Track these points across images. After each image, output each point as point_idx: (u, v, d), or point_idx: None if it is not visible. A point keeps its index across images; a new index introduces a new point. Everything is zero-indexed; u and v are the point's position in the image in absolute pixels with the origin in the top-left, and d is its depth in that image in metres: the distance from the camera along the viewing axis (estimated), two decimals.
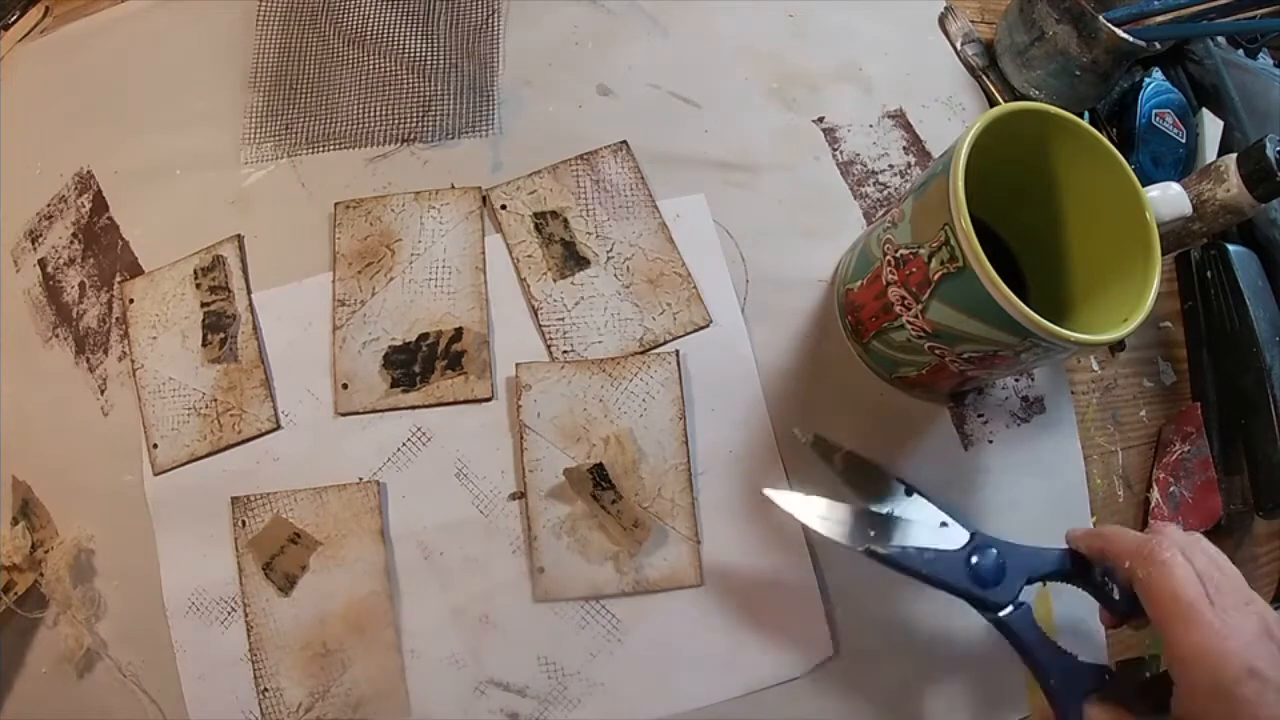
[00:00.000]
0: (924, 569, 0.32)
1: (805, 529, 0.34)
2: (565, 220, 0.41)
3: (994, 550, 0.33)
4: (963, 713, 0.38)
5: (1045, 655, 0.32)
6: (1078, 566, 0.33)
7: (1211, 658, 0.26)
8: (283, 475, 0.38)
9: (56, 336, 0.42)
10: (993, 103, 0.48)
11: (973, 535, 0.33)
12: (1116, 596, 0.32)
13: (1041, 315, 0.29)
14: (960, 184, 0.29)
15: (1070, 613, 0.39)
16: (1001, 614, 0.32)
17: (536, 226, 0.41)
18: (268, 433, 0.38)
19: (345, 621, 0.36)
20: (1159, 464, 0.44)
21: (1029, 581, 0.32)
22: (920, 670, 0.38)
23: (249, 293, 0.40)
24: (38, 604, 0.38)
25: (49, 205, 0.44)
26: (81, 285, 0.42)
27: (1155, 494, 0.43)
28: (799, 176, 0.44)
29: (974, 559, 0.33)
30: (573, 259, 0.40)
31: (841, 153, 0.45)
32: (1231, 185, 0.39)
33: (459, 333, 0.39)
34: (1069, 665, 0.31)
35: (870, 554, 0.32)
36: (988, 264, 0.29)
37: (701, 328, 0.40)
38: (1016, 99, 0.47)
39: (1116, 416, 0.44)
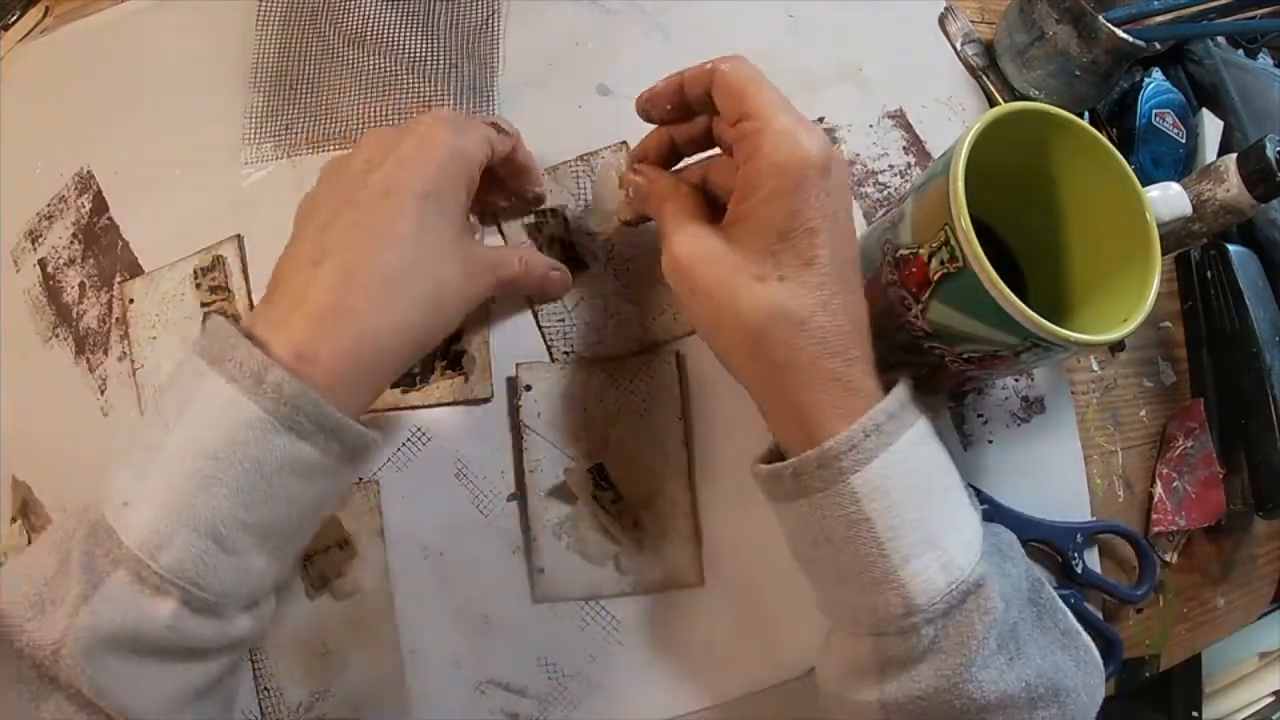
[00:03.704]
0: None
1: None
2: (565, 220, 0.41)
3: (988, 510, 0.39)
4: None
5: None
6: (1049, 536, 0.40)
7: (795, 136, 0.28)
8: None
9: (56, 336, 0.42)
10: (993, 103, 0.48)
11: (977, 493, 0.39)
12: (1079, 570, 0.39)
13: (1041, 315, 0.29)
14: (960, 184, 0.29)
15: None
16: None
17: (538, 226, 0.41)
18: None
19: (345, 621, 0.36)
20: (1162, 459, 0.44)
21: None
22: None
23: (249, 293, 0.40)
24: None
25: (49, 205, 0.44)
26: (81, 285, 0.42)
27: (1159, 489, 0.43)
28: None
29: None
30: (573, 259, 0.40)
31: (841, 152, 0.45)
32: (1231, 185, 0.39)
33: (459, 333, 0.39)
34: None
35: None
36: (988, 264, 0.29)
37: None
38: (1016, 99, 0.47)
39: (1116, 416, 0.44)
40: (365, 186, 0.29)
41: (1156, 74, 0.51)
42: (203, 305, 0.40)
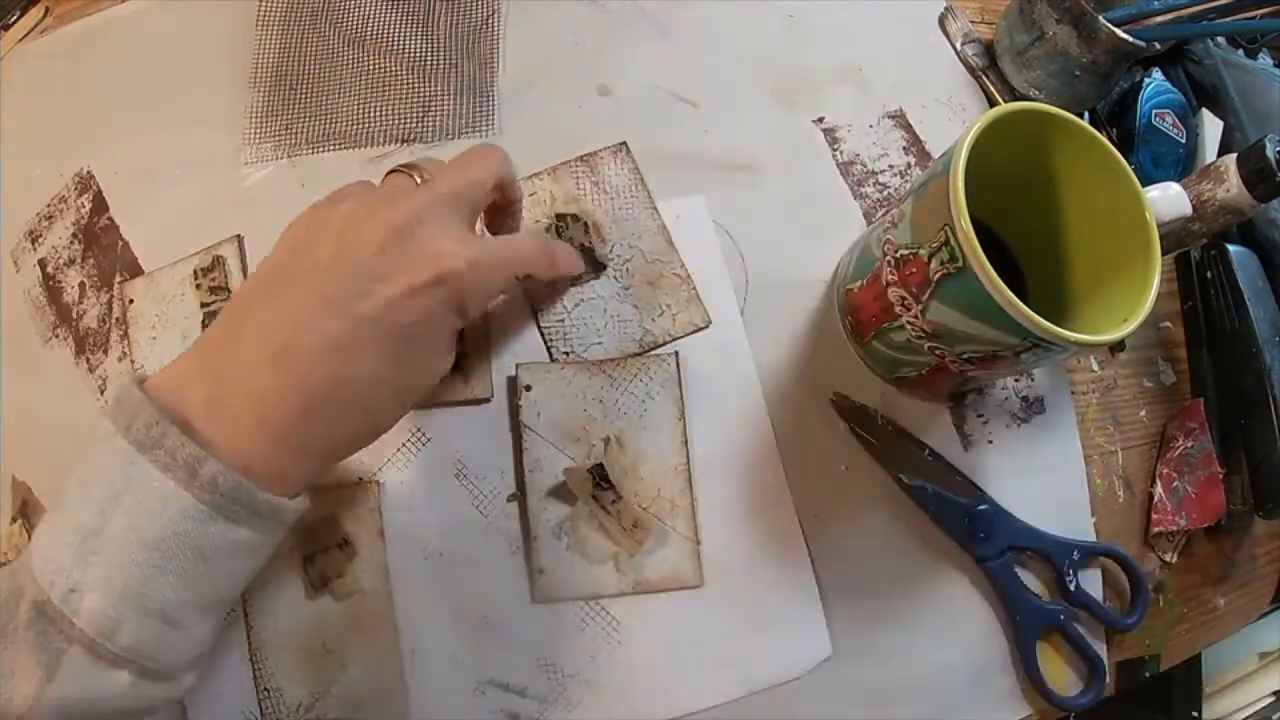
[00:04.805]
0: (932, 507, 0.39)
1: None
2: (586, 225, 0.41)
3: (989, 510, 0.39)
4: (960, 714, 0.38)
5: (1017, 596, 0.39)
6: (1045, 548, 0.40)
7: None
8: None
9: (56, 336, 0.42)
10: (993, 103, 0.48)
11: (980, 493, 0.40)
12: (1073, 588, 0.39)
13: (1041, 315, 0.29)
14: (960, 184, 0.29)
15: None
16: (987, 563, 0.39)
17: (557, 230, 0.41)
18: None
19: (345, 621, 0.36)
20: (1162, 460, 0.44)
21: (1008, 548, 0.39)
22: (918, 671, 0.38)
23: None
24: None
25: (49, 205, 0.44)
26: (81, 285, 0.42)
27: (1159, 489, 0.43)
28: (799, 176, 0.44)
29: (973, 513, 0.39)
30: (590, 264, 0.40)
31: (841, 153, 0.45)
32: (1231, 185, 0.39)
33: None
34: (1034, 605, 0.39)
35: (897, 480, 0.39)
36: (988, 265, 0.29)
37: (701, 329, 0.40)
38: (1016, 99, 0.47)
39: (1116, 417, 0.44)
40: (364, 297, 0.27)
41: (1156, 74, 0.51)
42: (203, 305, 0.40)
